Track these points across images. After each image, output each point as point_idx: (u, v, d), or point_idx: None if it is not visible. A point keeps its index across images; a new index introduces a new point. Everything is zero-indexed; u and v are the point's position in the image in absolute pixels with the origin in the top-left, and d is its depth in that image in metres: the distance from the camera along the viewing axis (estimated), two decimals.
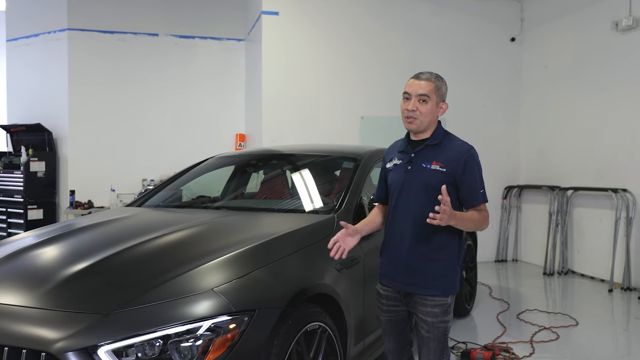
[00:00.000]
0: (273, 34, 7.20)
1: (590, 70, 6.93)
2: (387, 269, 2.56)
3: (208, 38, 8.32)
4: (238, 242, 2.59)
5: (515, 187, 8.10)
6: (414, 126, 2.47)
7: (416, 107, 2.43)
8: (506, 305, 5.54)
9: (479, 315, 5.20)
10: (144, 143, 8.11)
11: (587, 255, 6.96)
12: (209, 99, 8.35)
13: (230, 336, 2.09)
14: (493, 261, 8.07)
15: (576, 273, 7.09)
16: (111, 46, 8.02)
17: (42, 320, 2.06)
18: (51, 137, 7.89)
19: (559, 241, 7.24)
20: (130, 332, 2.01)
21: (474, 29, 7.92)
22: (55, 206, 7.97)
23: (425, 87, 2.44)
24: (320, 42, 7.39)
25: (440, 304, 2.45)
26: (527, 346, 4.30)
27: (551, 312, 5.34)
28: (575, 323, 4.95)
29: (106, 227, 3.06)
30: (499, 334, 4.59)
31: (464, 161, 2.43)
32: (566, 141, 7.34)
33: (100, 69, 7.99)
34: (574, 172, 7.15)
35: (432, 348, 2.48)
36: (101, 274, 2.35)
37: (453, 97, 7.60)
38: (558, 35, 7.50)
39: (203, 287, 2.21)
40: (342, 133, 7.31)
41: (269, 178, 4.16)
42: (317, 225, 2.95)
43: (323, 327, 2.55)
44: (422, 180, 2.44)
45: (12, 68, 8.48)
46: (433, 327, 2.45)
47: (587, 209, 6.97)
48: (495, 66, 8.05)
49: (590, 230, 6.92)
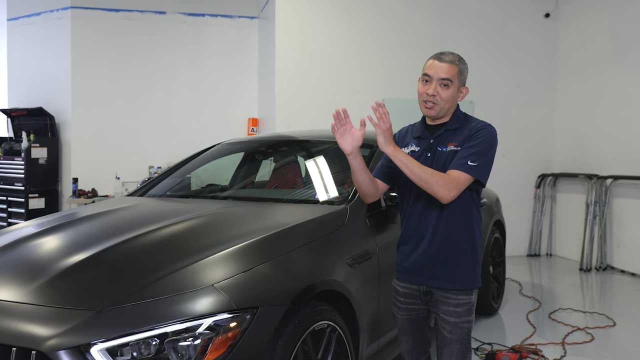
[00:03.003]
0: (287, 11, 7.17)
1: (632, 49, 6.77)
2: (405, 263, 2.53)
3: (219, 16, 8.31)
4: (242, 235, 2.58)
5: (550, 176, 7.98)
6: (434, 112, 2.43)
7: (437, 92, 2.38)
8: (537, 303, 5.49)
9: (507, 315, 5.16)
10: (151, 128, 8.16)
11: (628, 250, 6.84)
12: (220, 81, 8.35)
13: (230, 335, 2.09)
14: (525, 255, 7.99)
15: (615, 269, 6.98)
16: (116, 25, 8.06)
17: (33, 317, 2.08)
18: (53, 121, 7.98)
19: (596, 234, 7.12)
20: (125, 330, 2.02)
21: (504, 3, 7.79)
22: (57, 195, 8.08)
23: (448, 71, 2.38)
24: (338, 20, 7.33)
25: (464, 302, 2.44)
26: (559, 348, 4.25)
27: (587, 311, 5.27)
28: (613, 324, 4.87)
29: (104, 218, 3.08)
30: (528, 334, 4.55)
31: (473, 131, 2.40)
32: (605, 126, 7.20)
33: (105, 50, 8.04)
34: (614, 160, 7.02)
35: (454, 350, 2.47)
36: (96, 268, 2.36)
37: (482, 78, 7.61)
38: (596, 10, 7.33)
39: (203, 282, 2.21)
40: (361, 116, 7.23)
41: (279, 166, 4.15)
42: (327, 217, 2.93)
43: (332, 327, 2.53)
44: (442, 165, 2.40)
45: (13, 49, 8.58)
46: (456, 327, 2.44)
47: (628, 199, 6.85)
48: (528, 45, 7.91)
49: (631, 222, 6.80)
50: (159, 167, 8.01)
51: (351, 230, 2.97)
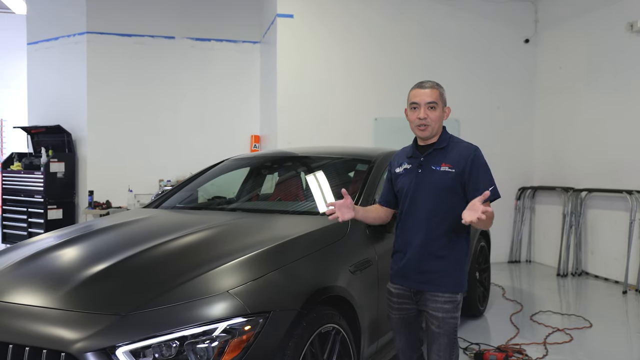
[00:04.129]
0: (288, 36, 7.22)
1: (605, 72, 6.85)
2: (398, 268, 2.64)
3: (224, 40, 8.36)
4: (253, 245, 2.60)
5: (529, 188, 8.03)
6: (427, 133, 2.56)
7: (427, 115, 2.52)
8: (519, 306, 5.50)
9: (492, 317, 5.17)
10: (161, 144, 8.18)
11: (601, 257, 6.87)
12: (225, 101, 8.39)
13: (245, 338, 2.09)
14: (506, 262, 8.01)
15: (590, 274, 7.01)
16: (129, 49, 8.10)
17: (62, 321, 2.08)
18: (70, 138, 7.99)
19: (572, 242, 7.16)
20: (147, 333, 2.02)
21: (488, 30, 7.86)
22: (74, 206, 8.06)
23: (431, 95, 2.54)
24: (335, 45, 7.39)
25: (450, 300, 2.54)
26: (541, 348, 4.26)
27: (565, 313, 5.28)
28: (589, 325, 4.89)
29: (124, 228, 3.09)
30: (512, 335, 4.56)
31: (471, 160, 2.51)
32: (580, 142, 7.26)
33: (118, 72, 8.07)
34: (588, 174, 7.07)
35: (442, 344, 2.55)
36: (119, 275, 2.37)
37: (467, 99, 7.66)
38: (572, 36, 7.42)
39: (218, 289, 2.22)
40: (356, 135, 7.30)
41: (283, 180, 4.16)
42: (331, 228, 2.94)
43: (337, 329, 2.54)
44: (433, 182, 2.54)
45: (33, 71, 8.60)
46: (443, 322, 2.53)
47: (602, 210, 6.89)
48: (510, 68, 7.98)
49: (604, 231, 6.84)
50: (169, 181, 8.01)
51: (353, 240, 2.98)
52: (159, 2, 8.18)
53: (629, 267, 6.24)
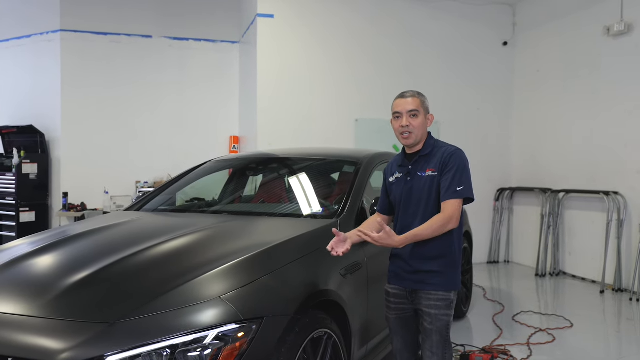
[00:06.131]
0: (268, 36, 7.16)
1: (582, 74, 6.96)
2: (395, 270, 2.75)
3: (202, 40, 8.25)
4: (243, 249, 2.54)
5: (508, 190, 8.12)
6: (411, 140, 2.66)
7: (409, 123, 2.63)
8: (501, 307, 5.54)
9: (475, 317, 5.19)
10: (138, 145, 8.03)
11: (579, 257, 6.98)
12: (204, 101, 8.28)
13: (238, 345, 2.04)
14: (485, 262, 8.08)
15: (567, 274, 7.12)
16: (104, 48, 7.93)
17: (47, 330, 1.99)
18: (43, 139, 7.78)
19: (550, 243, 7.26)
20: (136, 342, 1.95)
21: (468, 32, 7.93)
22: (47, 208, 7.85)
23: (412, 103, 2.65)
24: (316, 45, 7.36)
25: (444, 298, 2.61)
26: (525, 348, 4.29)
27: (545, 313, 5.34)
28: (570, 325, 4.95)
29: (106, 233, 2.99)
30: (495, 336, 4.59)
31: (447, 158, 2.62)
32: (558, 144, 7.37)
33: (93, 71, 7.89)
34: (566, 175, 7.18)
35: (435, 340, 2.62)
36: (105, 282, 2.28)
37: (448, 99, 7.71)
38: (550, 39, 7.52)
39: (210, 295, 2.15)
40: (337, 136, 7.28)
41: (270, 182, 4.10)
42: (320, 230, 2.91)
43: (329, 334, 2.51)
44: (420, 188, 2.65)
45: (4, 69, 8.34)
46: (436, 319, 2.61)
47: (579, 211, 7.00)
48: (489, 69, 8.06)
49: (581, 232, 6.95)
50: (146, 182, 7.86)
51: None
52: (135, 0, 8.02)
53: (606, 266, 6.35)
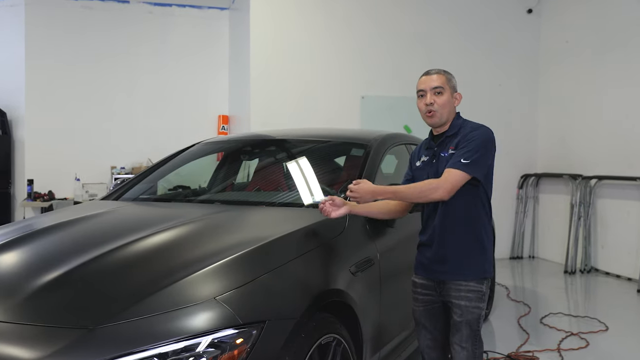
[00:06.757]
0: (262, 1, 7.07)
1: (616, 46, 6.90)
2: (422, 259, 2.85)
3: (187, 6, 8.17)
4: (240, 243, 2.48)
5: (533, 176, 8.09)
6: (436, 119, 2.74)
7: (433, 100, 2.72)
8: (527, 308, 5.53)
9: (498, 320, 5.18)
10: (114, 125, 7.98)
11: (613, 252, 6.98)
12: (188, 76, 8.22)
13: (236, 353, 1.99)
14: (508, 258, 8.09)
15: (600, 271, 7.12)
16: (75, 15, 7.85)
17: (18, 337, 1.95)
18: (5, 118, 7.74)
19: (581, 236, 7.25)
20: (120, 350, 1.90)
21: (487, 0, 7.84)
22: (10, 197, 7.83)
23: (437, 80, 2.75)
24: (316, 12, 7.28)
25: (475, 290, 2.68)
26: (555, 355, 4.28)
27: (578, 315, 5.34)
28: (605, 328, 4.94)
29: (82, 225, 2.93)
30: (521, 341, 4.57)
31: (469, 133, 2.69)
32: (590, 125, 7.33)
33: (62, 41, 7.82)
34: (599, 160, 7.15)
35: (464, 334, 2.68)
36: (83, 281, 2.23)
37: (465, 75, 7.60)
38: (580, 6, 7.46)
39: (204, 295, 2.11)
40: (340, 115, 7.23)
41: (267, 168, 4.05)
42: (327, 222, 2.86)
43: (338, 339, 2.47)
44: (444, 169, 2.67)
45: None
46: (466, 311, 2.67)
47: (613, 200, 6.98)
48: (512, 41, 8.02)
49: (616, 223, 6.94)
50: (122, 168, 7.82)
51: (352, 236, 2.92)
52: None
53: None
